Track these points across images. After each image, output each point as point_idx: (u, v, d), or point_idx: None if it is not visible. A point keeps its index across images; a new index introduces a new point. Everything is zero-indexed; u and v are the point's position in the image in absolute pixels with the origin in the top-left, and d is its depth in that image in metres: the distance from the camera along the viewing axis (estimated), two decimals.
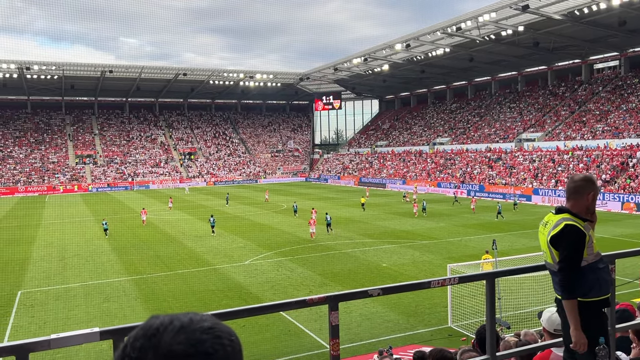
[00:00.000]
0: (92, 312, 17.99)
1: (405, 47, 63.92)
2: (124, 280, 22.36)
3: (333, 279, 21.52)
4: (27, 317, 17.57)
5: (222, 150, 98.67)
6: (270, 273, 22.85)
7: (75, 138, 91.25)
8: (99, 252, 28.91)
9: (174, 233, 34.96)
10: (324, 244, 29.29)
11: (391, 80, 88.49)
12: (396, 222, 37.29)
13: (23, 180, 77.57)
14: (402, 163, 76.12)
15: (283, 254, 26.98)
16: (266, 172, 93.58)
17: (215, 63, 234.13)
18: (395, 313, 16.95)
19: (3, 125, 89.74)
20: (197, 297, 19.48)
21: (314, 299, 2.25)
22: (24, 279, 22.94)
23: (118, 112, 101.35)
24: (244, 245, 29.83)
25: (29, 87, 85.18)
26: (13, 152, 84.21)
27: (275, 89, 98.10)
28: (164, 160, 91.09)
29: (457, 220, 37.70)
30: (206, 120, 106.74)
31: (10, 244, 32.41)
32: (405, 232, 32.84)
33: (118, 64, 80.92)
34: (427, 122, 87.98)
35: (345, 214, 42.40)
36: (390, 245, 28.68)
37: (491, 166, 60.67)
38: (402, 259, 25.17)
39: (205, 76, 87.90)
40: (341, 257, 25.85)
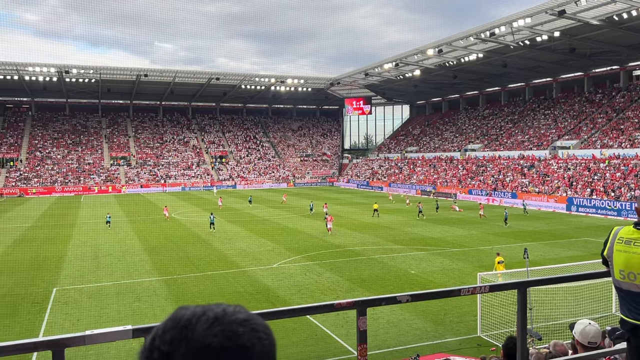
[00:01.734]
0: (124, 310, 18.36)
1: (437, 53, 63.40)
2: (154, 280, 22.75)
3: (361, 284, 21.42)
4: (61, 314, 18.04)
5: (252, 154, 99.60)
6: (298, 277, 22.91)
7: (111, 140, 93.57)
8: (131, 252, 29.50)
9: (203, 235, 35.40)
10: (352, 249, 29.20)
11: (422, 86, 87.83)
12: (425, 229, 36.90)
13: (60, 181, 79.89)
14: (432, 169, 75.36)
15: (311, 258, 27.01)
16: (295, 176, 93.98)
17: (247, 68, 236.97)
18: (423, 321, 16.75)
19: (42, 126, 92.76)
20: (225, 299, 19.64)
21: (342, 304, 2.24)
22: (59, 277, 23.58)
23: (152, 115, 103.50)
24: (272, 248, 29.99)
25: (68, 90, 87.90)
26: (51, 153, 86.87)
27: (306, 93, 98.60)
28: (195, 163, 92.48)
29: (488, 228, 37.07)
30: (237, 124, 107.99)
31: (47, 242, 33.41)
32: (434, 239, 32.47)
33: (153, 68, 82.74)
34: (458, 128, 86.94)
35: (373, 220, 42.20)
36: (419, 252, 28.39)
37: (524, 174, 59.49)
38: (431, 266, 24.88)
39: (237, 81, 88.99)
40: (369, 262, 25.73)
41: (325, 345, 14.92)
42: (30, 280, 22.93)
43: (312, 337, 15.42)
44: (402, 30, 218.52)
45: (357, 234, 34.73)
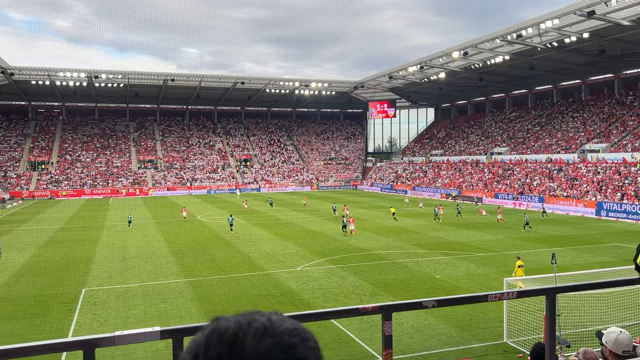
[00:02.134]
0: (150, 312, 18.62)
1: (462, 55, 62.81)
2: (180, 282, 23.04)
3: (385, 288, 21.30)
4: (89, 314, 18.40)
5: (276, 157, 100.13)
6: (321, 280, 22.91)
7: (138, 144, 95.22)
8: (158, 253, 29.93)
9: (228, 237, 35.71)
10: (376, 253, 29.07)
11: (447, 88, 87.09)
12: (451, 233, 36.51)
13: (89, 183, 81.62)
14: (457, 173, 74.57)
15: (334, 261, 26.99)
16: (319, 179, 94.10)
17: (272, 72, 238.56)
18: (448, 326, 16.56)
19: (72, 130, 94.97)
20: (250, 301, 19.78)
21: (367, 308, 2.24)
22: (88, 278, 24.07)
23: (179, 119, 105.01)
24: (296, 251, 30.06)
25: (97, 94, 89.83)
26: (81, 156, 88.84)
27: (330, 97, 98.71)
28: (221, 167, 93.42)
29: (514, 233, 36.48)
30: (262, 127, 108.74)
31: (77, 244, 34.15)
32: (459, 244, 32.10)
33: (179, 72, 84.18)
34: (484, 131, 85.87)
35: (397, 223, 41.94)
36: (444, 256, 28.10)
37: (552, 177, 58.39)
38: (457, 271, 24.60)
39: (262, 85, 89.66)
40: (393, 267, 25.57)
41: (349, 349, 14.88)
42: (60, 281, 23.47)
43: (336, 341, 15.39)
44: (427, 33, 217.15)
45: (380, 238, 34.58)
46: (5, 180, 78.71)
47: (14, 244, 34.79)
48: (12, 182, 79.05)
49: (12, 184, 78.63)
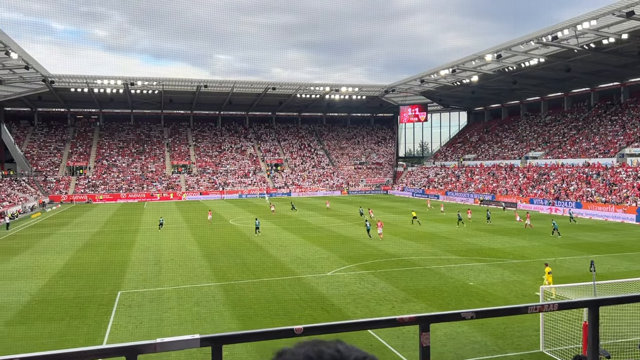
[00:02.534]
0: (184, 315, 18.90)
1: (496, 58, 61.83)
2: (213, 285, 23.31)
3: (417, 295, 21.07)
4: (125, 317, 18.80)
5: (306, 161, 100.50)
6: (352, 286, 22.82)
7: (172, 149, 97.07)
8: (191, 257, 30.38)
9: (260, 241, 35.97)
10: (407, 259, 28.81)
11: (480, 92, 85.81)
12: (484, 239, 35.89)
13: (125, 188, 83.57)
14: (491, 177, 73.31)
15: (365, 267, 26.86)
16: (349, 184, 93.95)
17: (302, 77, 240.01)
18: (482, 334, 16.26)
19: (109, 136, 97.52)
20: (281, 305, 19.86)
21: (404, 319, 2.22)
22: (123, 281, 24.61)
23: (211, 124, 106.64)
24: (327, 256, 30.05)
25: (133, 101, 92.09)
26: (117, 161, 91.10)
27: (360, 101, 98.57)
28: (252, 171, 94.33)
29: (551, 240, 35.60)
30: (292, 132, 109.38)
31: (113, 247, 34.99)
32: (494, 250, 31.51)
33: (212, 79, 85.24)
34: (519, 135, 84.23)
35: (430, 229, 41.49)
36: (478, 263, 27.63)
37: (589, 182, 56.79)
38: (491, 278, 24.14)
39: (292, 90, 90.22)
40: (425, 273, 25.27)
41: (381, 356, 14.76)
42: (97, 284, 24.06)
43: (367, 347, 15.27)
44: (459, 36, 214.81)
45: (412, 243, 34.26)
46: (45, 185, 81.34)
47: (53, 247, 35.90)
48: (51, 186, 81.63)
49: (52, 188, 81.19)
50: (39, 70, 67.85)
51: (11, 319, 18.68)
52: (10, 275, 26.58)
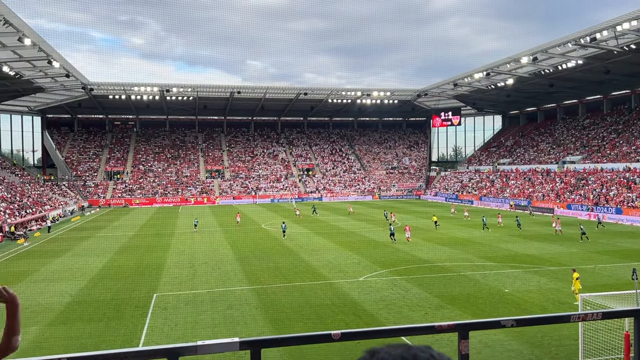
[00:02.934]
0: (217, 318, 19.12)
1: (532, 60, 60.61)
2: (246, 289, 23.52)
3: (451, 302, 20.76)
4: (160, 319, 19.14)
5: (338, 166, 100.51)
6: (384, 291, 22.66)
7: (206, 154, 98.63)
8: (224, 261, 30.75)
9: (291, 245, 36.13)
10: (441, 265, 28.44)
11: (516, 95, 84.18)
12: (520, 246, 35.12)
13: (160, 192, 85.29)
14: (527, 182, 71.75)
15: (397, 272, 26.64)
16: (381, 188, 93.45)
17: (334, 82, 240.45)
18: (518, 342, 15.90)
19: (145, 142, 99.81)
20: (313, 310, 19.88)
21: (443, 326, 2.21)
22: (159, 283, 25.09)
23: (244, 130, 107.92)
24: (358, 261, 29.94)
25: (168, 107, 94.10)
26: (153, 166, 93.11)
27: (392, 105, 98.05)
28: (284, 176, 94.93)
29: (590, 246, 34.56)
30: (324, 137, 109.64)
31: (149, 250, 35.73)
32: (530, 257, 30.80)
33: (245, 85, 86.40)
34: (555, 139, 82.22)
35: (463, 235, 40.87)
36: (513, 269, 27.05)
37: (630, 187, 54.93)
38: (527, 285, 23.59)
39: (324, 95, 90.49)
40: (459, 279, 24.89)
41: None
42: (133, 286, 24.60)
43: None
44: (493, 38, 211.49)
45: (445, 249, 33.81)
46: (84, 189, 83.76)
47: (92, 249, 36.91)
48: (90, 190, 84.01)
49: (91, 192, 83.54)
50: (79, 78, 70.06)
51: (53, 320, 19.27)
52: (52, 276, 27.46)
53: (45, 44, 52.06)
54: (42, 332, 17.83)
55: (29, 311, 20.48)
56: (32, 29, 47.65)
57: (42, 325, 18.59)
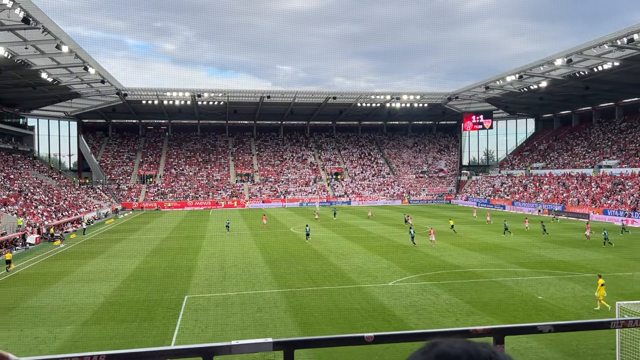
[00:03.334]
0: (247, 320, 19.26)
1: (566, 63, 59.27)
2: (275, 292, 23.63)
3: (482, 308, 20.42)
4: (191, 320, 19.40)
5: (367, 170, 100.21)
6: (414, 297, 22.44)
7: (236, 158, 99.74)
8: (254, 264, 30.98)
9: (320, 249, 36.14)
10: (472, 271, 28.01)
11: (549, 98, 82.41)
12: (554, 252, 34.30)
13: (191, 195, 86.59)
14: (561, 187, 70.09)
15: (427, 278, 26.35)
16: (410, 193, 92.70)
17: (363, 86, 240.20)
18: (552, 350, 15.51)
19: (177, 146, 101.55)
20: (342, 314, 19.83)
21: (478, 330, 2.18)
22: (189, 285, 25.43)
23: (273, 134, 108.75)
24: (388, 266, 29.74)
25: (199, 112, 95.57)
26: (184, 170, 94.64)
27: (422, 109, 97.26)
28: (312, 180, 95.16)
29: (626, 252, 33.51)
30: (352, 141, 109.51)
31: (180, 252, 36.29)
32: (564, 263, 30.05)
33: (275, 90, 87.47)
34: (591, 142, 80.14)
35: (494, 240, 40.17)
36: (547, 276, 26.43)
37: None
38: (561, 292, 23.02)
39: (353, 99, 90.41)
40: (491, 285, 24.46)
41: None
42: (165, 287, 25.01)
43: None
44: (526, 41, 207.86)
45: (476, 255, 33.29)
46: (118, 193, 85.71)
47: (125, 251, 37.71)
48: (124, 194, 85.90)
49: (124, 195, 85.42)
50: (114, 84, 71.82)
51: (87, 319, 19.74)
52: (87, 277, 28.16)
53: (81, 51, 53.59)
54: (77, 331, 18.29)
55: (64, 311, 21.06)
56: (69, 37, 49.11)
57: (77, 324, 19.07)
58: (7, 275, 29.95)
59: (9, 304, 22.57)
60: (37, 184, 64.06)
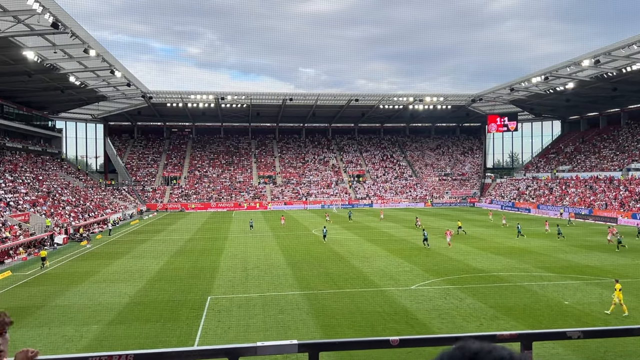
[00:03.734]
0: (269, 322, 19.33)
1: (594, 64, 58.10)
2: (297, 294, 23.68)
3: (507, 313, 20.12)
4: (214, 321, 19.56)
5: (389, 172, 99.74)
6: (437, 300, 22.23)
7: (259, 160, 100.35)
8: (276, 265, 31.10)
9: (342, 252, 36.09)
10: (496, 275, 27.63)
11: (576, 100, 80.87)
12: (581, 256, 33.62)
13: (215, 197, 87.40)
14: (588, 190, 68.68)
15: (451, 281, 26.08)
16: (433, 195, 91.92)
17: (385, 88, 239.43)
18: (579, 357, 15.19)
19: (201, 148, 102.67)
20: (364, 317, 19.76)
21: (504, 335, 2.15)
22: (212, 286, 25.66)
23: (295, 136, 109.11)
24: (410, 269, 29.53)
25: (223, 114, 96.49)
26: (208, 172, 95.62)
27: (445, 111, 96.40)
28: (334, 182, 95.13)
29: None
30: (375, 143, 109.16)
31: (203, 253, 36.65)
32: (591, 268, 29.43)
33: (297, 92, 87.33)
34: (619, 145, 78.36)
35: (520, 244, 39.56)
36: (574, 281, 25.92)
37: None
38: (588, 297, 22.54)
39: (375, 101, 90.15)
40: (515, 290, 24.08)
41: None
42: (188, 288, 25.28)
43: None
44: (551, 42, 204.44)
45: (501, 259, 32.83)
46: (143, 194, 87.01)
47: (149, 252, 38.24)
48: (148, 195, 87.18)
49: (149, 197, 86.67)
50: (139, 87, 73.00)
51: (113, 319, 20.07)
52: (112, 277, 28.64)
53: (108, 55, 54.61)
54: (102, 330, 18.61)
55: (91, 310, 21.46)
56: (96, 41, 50.10)
57: (103, 324, 19.41)
58: (42, 272, 30.85)
59: (38, 302, 23.10)
60: (64, 185, 65.45)
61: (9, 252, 37.17)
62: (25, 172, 61.01)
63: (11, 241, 38.03)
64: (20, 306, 22.44)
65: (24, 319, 20.18)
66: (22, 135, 71.59)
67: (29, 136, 73.70)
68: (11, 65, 52.48)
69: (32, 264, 34.69)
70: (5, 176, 54.51)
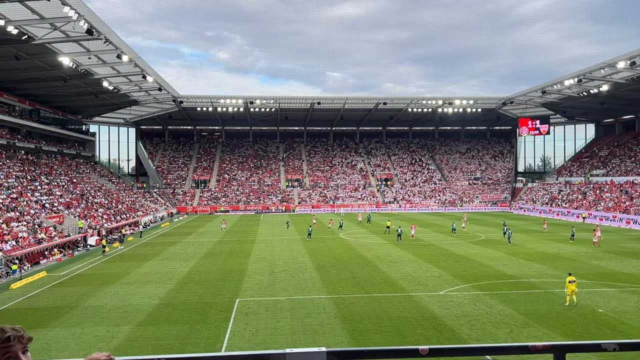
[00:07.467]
0: (296, 325, 19.35)
1: (629, 65, 56.51)
2: (324, 297, 23.66)
3: (538, 320, 19.67)
4: (242, 324, 19.69)
5: (417, 176, 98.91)
6: (466, 306, 21.90)
7: (287, 164, 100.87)
8: (303, 269, 31.15)
9: (369, 256, 35.92)
10: (527, 281, 27.07)
11: (611, 102, 78.75)
12: (615, 263, 32.66)
13: (243, 200, 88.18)
14: (624, 195, 66.75)
15: (481, 287, 25.66)
16: (463, 200, 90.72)
17: (413, 91, 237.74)
18: None
19: (230, 152, 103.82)
20: (391, 322, 19.60)
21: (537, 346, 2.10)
22: (241, 289, 25.86)
23: (323, 140, 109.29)
24: (439, 274, 29.18)
25: (252, 118, 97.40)
26: (237, 175, 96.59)
27: (475, 114, 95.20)
28: (362, 186, 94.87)
29: None
30: (403, 147, 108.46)
31: (231, 256, 36.99)
32: (627, 275, 28.54)
33: (325, 96, 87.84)
34: None
35: (551, 250, 38.67)
36: (608, 288, 25.18)
37: None
38: (624, 305, 21.86)
39: (403, 104, 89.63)
40: (547, 297, 23.54)
41: None
42: (217, 290, 25.54)
43: None
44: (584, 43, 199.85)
45: (533, 265, 32.15)
46: (173, 197, 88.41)
47: (179, 254, 38.80)
48: (179, 198, 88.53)
49: (179, 200, 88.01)
50: (170, 92, 74.32)
51: (143, 320, 20.41)
52: (143, 279, 29.15)
53: (140, 60, 55.79)
54: (133, 331, 18.94)
55: (121, 311, 21.87)
56: (129, 46, 51.26)
57: (133, 325, 19.75)
58: (104, 259, 35.89)
59: (71, 302, 23.69)
60: (97, 187, 67.02)
61: (44, 252, 38.26)
62: (60, 175, 62.73)
63: (46, 242, 39.13)
64: (55, 306, 23.05)
65: (58, 319, 20.71)
66: (58, 139, 73.65)
67: (64, 140, 75.78)
68: (48, 70, 54.13)
69: (66, 264, 35.60)
70: (42, 179, 56.15)
